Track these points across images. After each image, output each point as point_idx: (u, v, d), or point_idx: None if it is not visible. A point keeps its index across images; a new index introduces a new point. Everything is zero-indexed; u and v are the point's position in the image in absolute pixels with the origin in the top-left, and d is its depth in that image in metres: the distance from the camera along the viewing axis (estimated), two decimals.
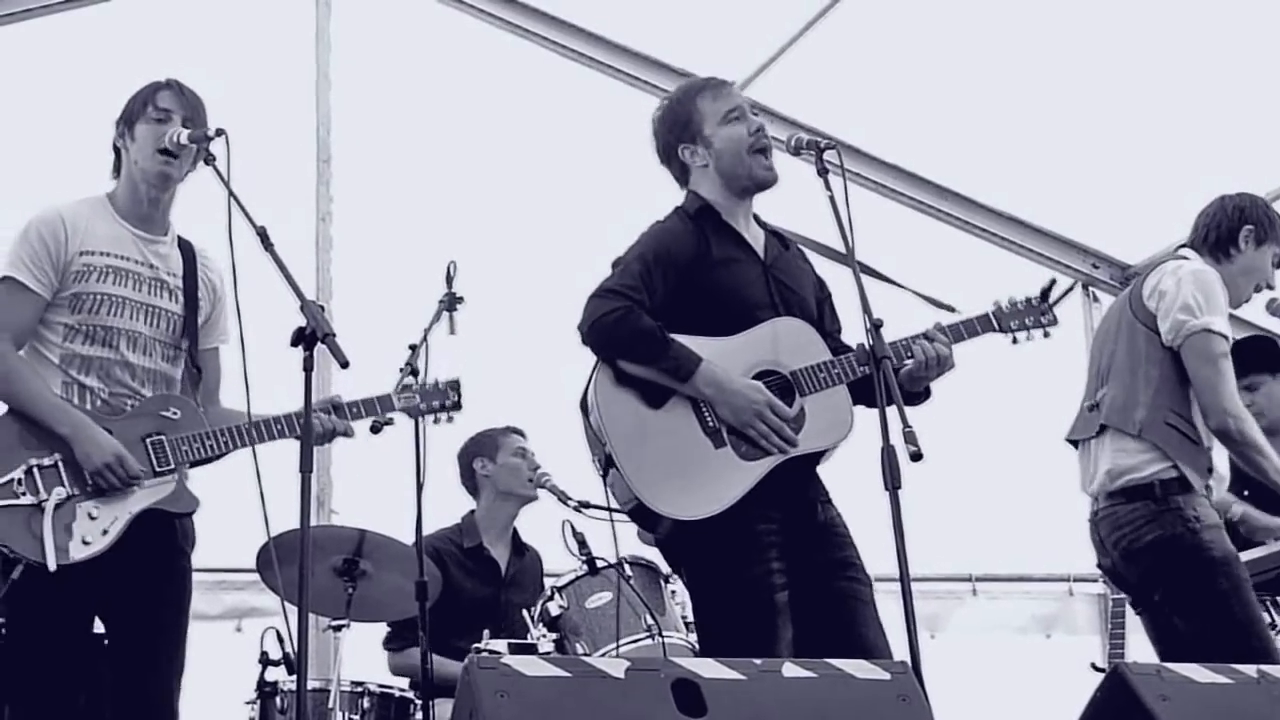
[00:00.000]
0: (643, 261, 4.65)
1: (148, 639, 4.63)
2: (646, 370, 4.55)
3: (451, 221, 7.94)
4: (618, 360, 4.57)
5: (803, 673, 3.79)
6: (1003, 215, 8.98)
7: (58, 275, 4.69)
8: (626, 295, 4.55)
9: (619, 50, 8.57)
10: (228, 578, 7.69)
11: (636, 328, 4.52)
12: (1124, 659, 6.78)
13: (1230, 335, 5.32)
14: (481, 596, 6.62)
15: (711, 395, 4.54)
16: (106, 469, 4.52)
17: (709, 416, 4.57)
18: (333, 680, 5.61)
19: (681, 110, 4.91)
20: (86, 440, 4.53)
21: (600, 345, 4.58)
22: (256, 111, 7.21)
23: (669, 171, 4.98)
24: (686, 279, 4.67)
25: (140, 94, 4.83)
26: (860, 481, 4.48)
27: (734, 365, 4.60)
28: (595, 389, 4.60)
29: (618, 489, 4.59)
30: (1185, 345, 5.28)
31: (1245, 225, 5.53)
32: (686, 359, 4.52)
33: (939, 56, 7.98)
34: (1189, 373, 5.28)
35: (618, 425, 4.56)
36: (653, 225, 4.83)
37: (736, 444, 4.56)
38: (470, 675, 3.62)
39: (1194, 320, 5.26)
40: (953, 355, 4.75)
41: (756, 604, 4.46)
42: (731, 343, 4.65)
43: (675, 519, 4.51)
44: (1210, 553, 5.18)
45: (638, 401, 4.58)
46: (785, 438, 4.55)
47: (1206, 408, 5.26)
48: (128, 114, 4.83)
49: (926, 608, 8.61)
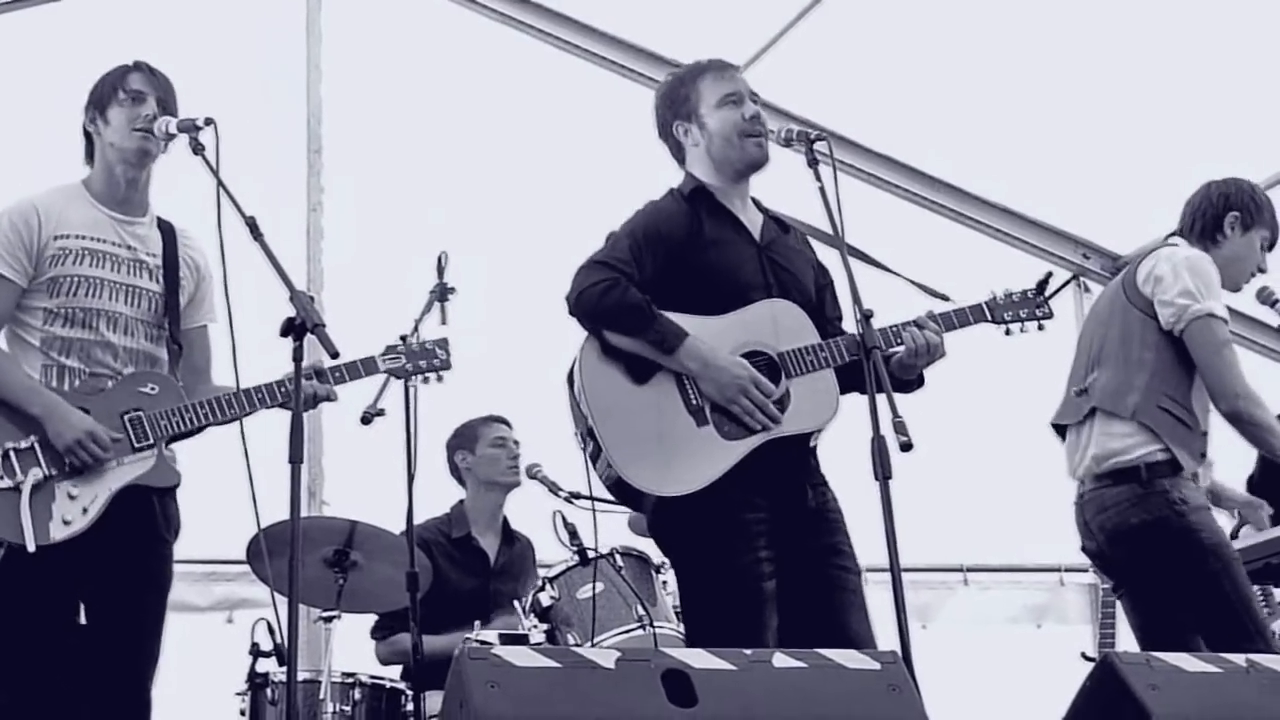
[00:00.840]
0: (633, 237, 4.66)
1: (125, 621, 4.62)
2: (631, 343, 4.56)
3: (442, 212, 7.94)
4: (603, 331, 4.58)
5: (793, 663, 3.80)
6: (994, 206, 8.97)
7: (33, 262, 4.69)
8: (615, 267, 4.57)
9: (608, 40, 8.56)
10: (218, 569, 7.70)
11: (623, 299, 4.52)
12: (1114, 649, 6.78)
13: (1228, 318, 5.32)
14: (469, 587, 6.61)
15: (696, 370, 4.55)
16: (78, 445, 4.52)
17: (693, 394, 4.57)
18: (324, 671, 5.60)
19: (681, 88, 4.92)
20: (58, 419, 4.54)
21: (586, 314, 4.59)
22: (248, 102, 7.23)
23: (666, 149, 4.98)
24: (678, 257, 4.68)
25: (109, 77, 4.83)
26: (851, 471, 4.49)
27: (722, 343, 4.60)
28: (580, 361, 4.62)
29: (598, 463, 4.60)
30: (1188, 331, 5.26)
31: (1230, 212, 5.52)
32: (671, 332, 4.53)
33: (930, 47, 7.98)
34: (1195, 359, 5.27)
35: (600, 398, 4.57)
36: (647, 203, 4.84)
37: (720, 422, 4.56)
38: (461, 666, 3.62)
39: (1196, 305, 5.25)
40: (943, 343, 4.76)
41: (743, 593, 4.46)
42: (720, 321, 4.65)
43: (654, 495, 4.51)
44: (1199, 534, 5.17)
45: (622, 376, 4.59)
46: (769, 414, 4.55)
47: (1215, 392, 5.25)
48: (97, 98, 4.83)
49: (917, 598, 8.62)
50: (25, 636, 4.55)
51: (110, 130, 4.78)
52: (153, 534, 4.72)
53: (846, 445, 4.55)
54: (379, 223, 8.11)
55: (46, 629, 4.58)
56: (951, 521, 8.45)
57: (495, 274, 7.56)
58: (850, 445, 4.44)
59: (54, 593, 4.59)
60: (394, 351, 5.07)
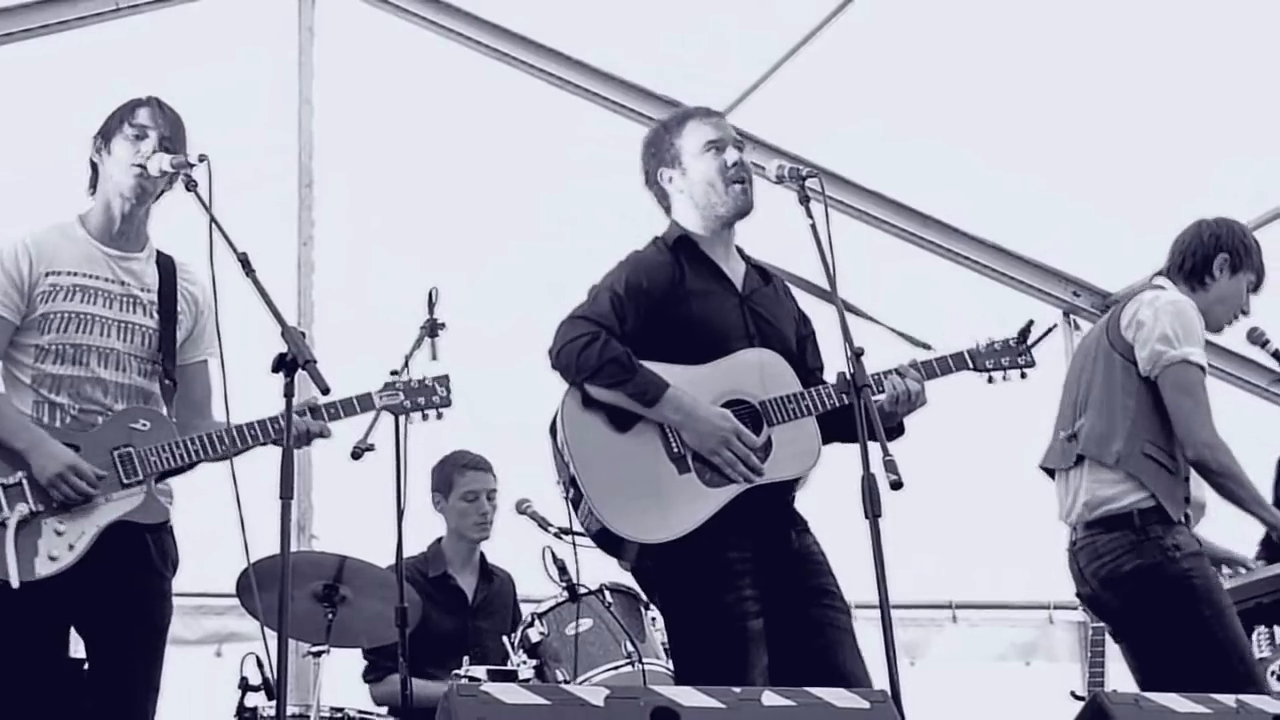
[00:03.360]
0: (613, 291, 4.68)
1: (122, 657, 4.60)
2: (613, 395, 4.58)
3: (433, 247, 7.95)
4: (585, 384, 4.59)
5: (782, 701, 3.79)
6: (983, 243, 9.00)
7: (24, 300, 4.68)
8: (596, 321, 4.59)
9: (601, 76, 8.58)
10: (207, 602, 7.67)
11: (604, 352, 4.54)
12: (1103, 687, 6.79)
13: (1206, 365, 5.33)
14: (448, 627, 6.55)
15: (678, 421, 4.56)
16: (59, 479, 4.49)
17: (674, 442, 4.59)
18: (312, 706, 5.59)
19: (665, 136, 4.94)
20: (43, 454, 4.52)
21: (568, 369, 4.60)
22: (239, 136, 7.24)
23: (653, 197, 5.00)
24: (659, 309, 4.70)
25: (119, 110, 4.82)
26: (841, 509, 4.50)
27: (703, 393, 4.62)
28: (562, 412, 4.64)
29: (581, 513, 4.60)
30: (1163, 376, 5.29)
31: (1220, 253, 5.53)
32: (653, 384, 4.54)
33: (921, 84, 8.00)
34: (1166, 403, 5.28)
35: (582, 448, 4.58)
36: (630, 254, 4.85)
37: (701, 470, 4.58)
38: (450, 703, 3.62)
39: (1172, 351, 5.27)
40: (924, 391, 4.77)
41: (728, 631, 4.47)
42: (701, 371, 4.67)
43: (637, 542, 4.52)
44: (1192, 580, 5.18)
45: (604, 425, 4.61)
46: (750, 466, 4.56)
47: (1183, 439, 5.27)
48: (105, 129, 4.82)
49: (906, 635, 8.61)
50: (13, 673, 4.52)
51: (111, 162, 4.77)
52: (147, 568, 4.69)
53: (836, 483, 4.56)
54: (370, 257, 8.12)
55: (34, 665, 4.56)
56: (940, 559, 8.45)
57: (486, 309, 7.57)
58: (840, 483, 4.45)
59: (42, 628, 4.57)
60: (391, 389, 5.03)
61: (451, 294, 5.51)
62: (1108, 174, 8.08)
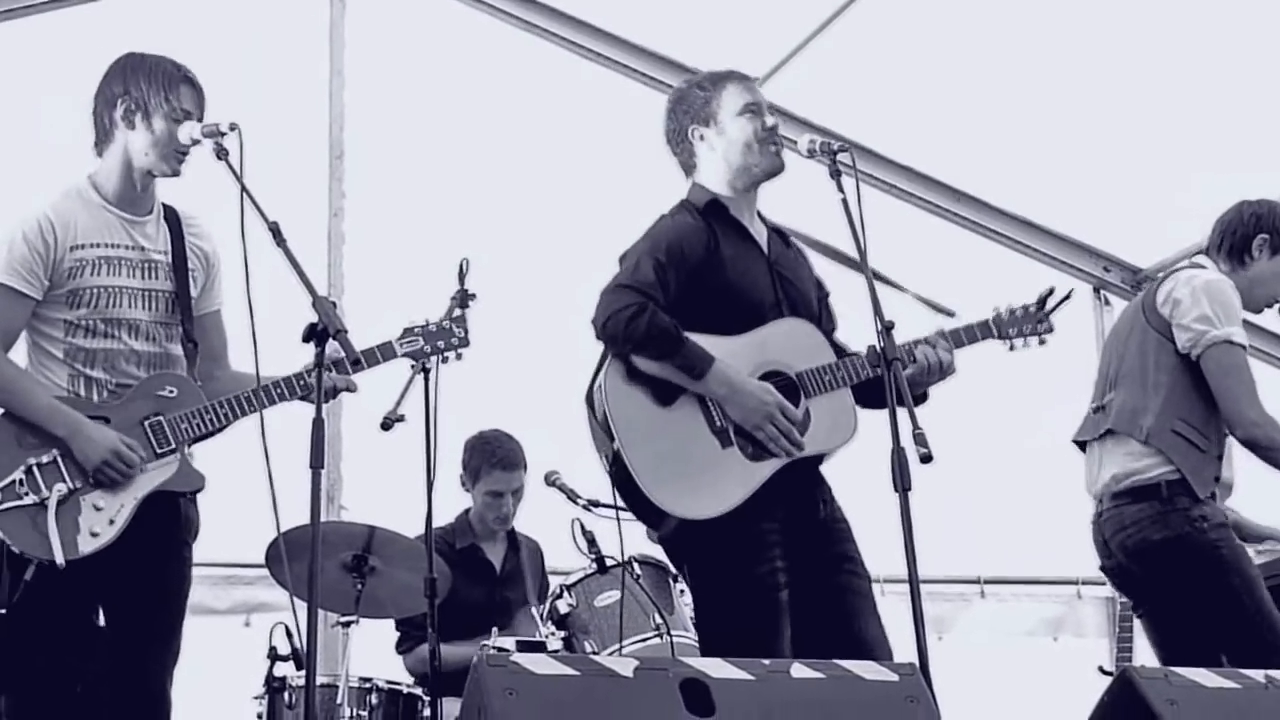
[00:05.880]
0: (655, 258, 4.64)
1: (147, 626, 4.60)
2: (659, 367, 4.56)
3: (464, 218, 7.94)
4: (632, 356, 4.57)
5: (811, 673, 3.80)
6: (1014, 218, 8.96)
7: (49, 275, 4.63)
8: (643, 291, 4.56)
9: (632, 48, 8.56)
10: (237, 572, 7.69)
11: (653, 324, 4.52)
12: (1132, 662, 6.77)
13: (1247, 344, 5.31)
14: (477, 597, 6.58)
15: (723, 395, 4.56)
16: (106, 466, 4.50)
17: (717, 415, 4.58)
18: (341, 676, 5.61)
19: (701, 92, 4.93)
20: (84, 440, 4.51)
21: (614, 339, 4.58)
22: (270, 107, 7.25)
23: (674, 156, 4.98)
24: (696, 276, 4.69)
25: (160, 80, 4.70)
26: (870, 483, 4.50)
27: (741, 364, 4.62)
28: (605, 384, 4.62)
29: (623, 485, 4.59)
30: (1205, 356, 5.26)
31: (1260, 234, 5.51)
32: (700, 357, 4.53)
33: (952, 58, 7.97)
34: (1211, 385, 5.26)
35: (627, 422, 4.57)
36: (660, 220, 4.84)
37: (743, 444, 4.58)
38: (479, 673, 3.63)
39: (1214, 331, 5.25)
40: (954, 361, 4.77)
41: (760, 603, 4.48)
42: (738, 342, 4.66)
43: (685, 519, 4.52)
44: (1220, 550, 5.18)
45: (647, 399, 4.59)
46: (794, 441, 4.56)
47: (1231, 420, 5.25)
48: (143, 99, 4.69)
49: (934, 609, 8.59)
50: (53, 649, 4.55)
51: (149, 138, 4.68)
52: (175, 537, 4.71)
53: (866, 457, 4.56)
54: (400, 228, 8.11)
55: (71, 639, 4.58)
56: (969, 533, 8.43)
57: (517, 280, 7.56)
58: (870, 457, 4.44)
59: (77, 603, 4.60)
60: (410, 334, 5.00)
61: (482, 265, 5.52)
62: (1139, 148, 8.04)
